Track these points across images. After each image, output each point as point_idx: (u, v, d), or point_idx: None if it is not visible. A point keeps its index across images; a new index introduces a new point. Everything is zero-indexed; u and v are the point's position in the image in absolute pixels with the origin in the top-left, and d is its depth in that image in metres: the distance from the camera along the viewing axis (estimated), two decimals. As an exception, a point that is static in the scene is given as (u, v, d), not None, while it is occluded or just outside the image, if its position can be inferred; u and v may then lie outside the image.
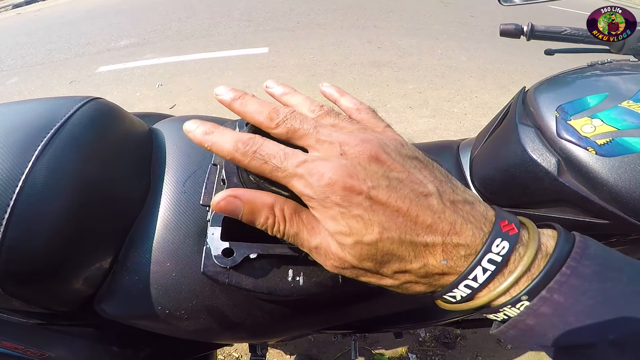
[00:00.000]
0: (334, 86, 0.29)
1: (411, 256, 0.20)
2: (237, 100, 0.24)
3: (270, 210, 0.22)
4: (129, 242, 0.39)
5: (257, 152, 0.21)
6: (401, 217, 0.19)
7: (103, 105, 0.42)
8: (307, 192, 0.20)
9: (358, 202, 0.19)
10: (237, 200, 0.22)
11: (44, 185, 0.32)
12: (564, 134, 0.40)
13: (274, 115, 0.22)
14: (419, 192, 0.20)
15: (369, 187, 0.19)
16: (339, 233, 0.20)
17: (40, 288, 0.34)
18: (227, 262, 0.27)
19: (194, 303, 0.38)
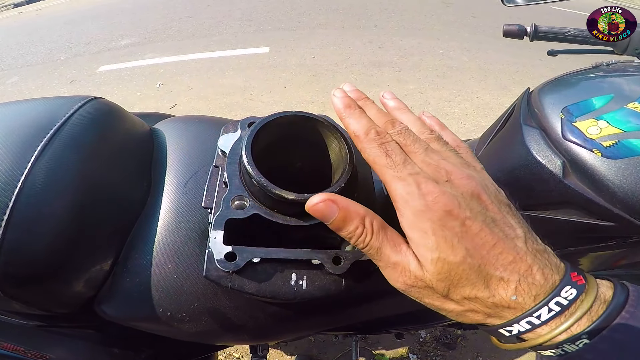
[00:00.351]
0: (435, 118, 0.30)
1: (484, 286, 0.21)
2: (350, 110, 0.26)
3: (362, 220, 0.23)
4: (129, 243, 0.38)
5: (385, 144, 0.23)
6: (486, 250, 0.21)
7: (103, 105, 0.42)
8: (407, 199, 0.21)
9: (452, 225, 0.21)
10: (335, 205, 0.22)
11: (44, 186, 0.32)
12: (570, 135, 0.40)
13: (389, 126, 0.24)
14: (508, 233, 0.21)
15: (466, 216, 0.21)
16: (425, 246, 0.21)
17: (40, 290, 0.34)
18: (229, 266, 0.27)
19: (196, 305, 0.38)
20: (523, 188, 0.44)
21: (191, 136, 0.46)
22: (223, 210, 0.28)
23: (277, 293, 0.29)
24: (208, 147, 0.44)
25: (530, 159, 0.42)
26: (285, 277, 0.29)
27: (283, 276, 0.29)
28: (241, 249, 0.27)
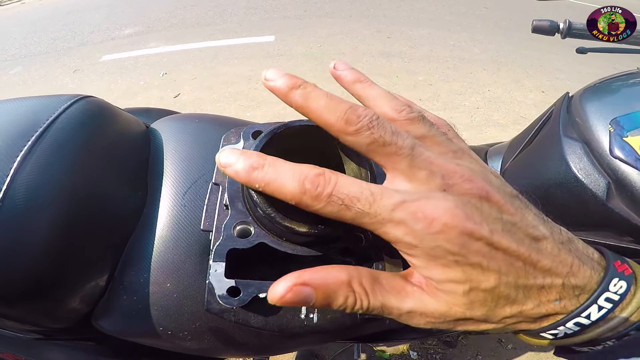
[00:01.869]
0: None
1: (525, 299, 0.18)
2: (296, 90, 0.19)
3: (349, 287, 0.18)
4: (125, 258, 0.36)
5: (334, 195, 0.17)
6: (520, 262, 0.18)
7: (93, 105, 0.38)
8: (408, 241, 0.17)
9: (477, 248, 0.17)
10: (307, 287, 0.17)
11: (26, 200, 0.29)
12: (619, 152, 0.35)
13: (352, 116, 0.17)
14: (534, 236, 0.18)
15: (488, 232, 0.17)
16: (451, 281, 0.18)
17: (31, 308, 0.32)
18: (233, 302, 0.24)
19: (197, 325, 0.36)
20: (557, 207, 0.40)
21: (190, 138, 0.42)
22: (224, 239, 0.24)
23: (285, 327, 0.26)
24: (209, 152, 0.40)
25: (570, 176, 0.38)
26: (295, 310, 0.26)
27: (292, 309, 0.26)
28: (246, 284, 0.24)
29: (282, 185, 0.17)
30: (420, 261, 0.18)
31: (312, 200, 0.17)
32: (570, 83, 2.38)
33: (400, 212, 0.16)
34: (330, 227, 0.22)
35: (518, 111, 2.17)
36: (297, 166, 0.17)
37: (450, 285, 0.18)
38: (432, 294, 0.18)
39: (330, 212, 0.17)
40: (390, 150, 0.17)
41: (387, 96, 0.21)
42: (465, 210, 0.17)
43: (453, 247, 0.17)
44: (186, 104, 2.21)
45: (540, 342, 0.21)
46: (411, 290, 0.19)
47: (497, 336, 1.19)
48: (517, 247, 0.17)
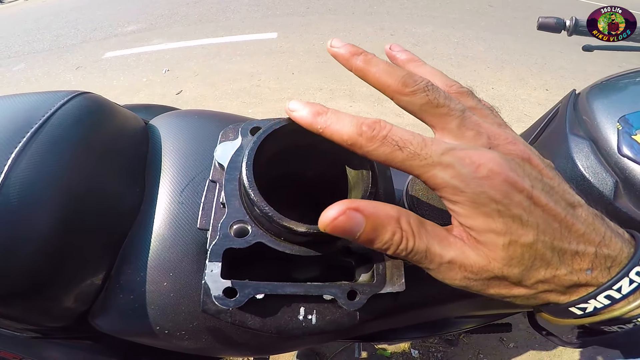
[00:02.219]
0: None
1: (560, 263, 0.19)
2: (358, 57, 0.21)
3: (397, 223, 0.18)
4: (122, 256, 0.35)
5: (389, 137, 0.18)
6: (557, 223, 0.18)
7: (90, 101, 0.37)
8: (455, 184, 0.17)
9: (519, 200, 0.17)
10: (358, 214, 0.18)
11: (21, 198, 0.28)
12: (627, 150, 0.35)
13: (409, 80, 0.19)
14: (570, 201, 0.19)
15: (530, 186, 0.18)
16: (492, 232, 0.18)
17: (26, 307, 0.32)
18: (229, 303, 0.23)
19: (195, 324, 0.35)
20: None
21: (189, 135, 0.41)
22: (220, 238, 0.24)
23: (283, 329, 0.25)
24: (207, 149, 0.40)
25: (576, 174, 0.37)
26: (293, 311, 0.26)
27: (290, 310, 0.26)
28: (243, 285, 0.24)
29: (341, 128, 0.19)
30: (463, 209, 0.18)
31: (367, 141, 0.18)
32: (574, 81, 2.36)
33: (449, 157, 0.17)
34: None
35: (522, 109, 2.15)
36: (356, 116, 0.19)
37: (491, 236, 0.18)
38: (473, 246, 0.19)
39: (384, 152, 0.18)
40: (442, 112, 0.19)
41: (439, 73, 0.23)
42: (509, 163, 0.18)
43: (496, 195, 0.17)
44: (188, 101, 2.21)
45: (566, 321, 0.21)
46: (453, 240, 0.19)
47: (499, 335, 1.19)
48: (555, 206, 0.18)
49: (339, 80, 2.31)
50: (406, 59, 0.24)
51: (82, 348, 0.45)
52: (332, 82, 2.32)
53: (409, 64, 0.24)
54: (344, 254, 0.26)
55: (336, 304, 0.25)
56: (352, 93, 2.21)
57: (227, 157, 0.26)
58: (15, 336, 0.39)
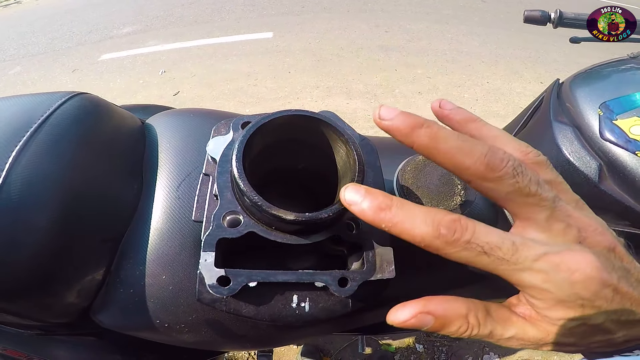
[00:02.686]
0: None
1: (617, 329, 0.19)
2: (420, 130, 0.17)
3: (465, 319, 0.19)
4: (121, 252, 0.36)
5: (472, 242, 0.16)
6: (630, 303, 0.18)
7: (87, 102, 0.38)
8: (546, 288, 0.17)
9: (604, 294, 0.17)
10: (429, 316, 0.18)
11: (21, 196, 0.29)
12: (609, 135, 0.36)
13: (495, 160, 0.17)
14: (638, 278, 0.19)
15: (617, 280, 0.17)
16: (566, 319, 0.18)
17: (28, 303, 0.32)
18: (223, 291, 0.24)
19: (194, 317, 0.35)
20: None
21: (185, 132, 0.42)
22: (214, 229, 0.25)
23: (277, 316, 0.26)
24: (202, 145, 0.40)
25: (561, 159, 0.38)
26: (286, 299, 0.26)
27: (283, 298, 0.26)
28: (236, 273, 0.24)
29: (412, 228, 0.17)
30: (545, 304, 0.18)
31: (446, 245, 0.16)
32: (568, 73, 2.30)
33: (543, 264, 0.17)
34: (319, 214, 0.22)
35: (517, 102, 2.16)
36: (429, 210, 0.17)
37: (564, 322, 0.18)
38: (534, 324, 0.19)
39: (467, 257, 0.17)
40: (533, 202, 0.17)
41: (507, 136, 0.21)
42: (602, 262, 0.17)
43: (587, 294, 0.17)
44: (186, 102, 2.21)
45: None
46: (516, 319, 0.19)
47: None
48: (632, 291, 0.18)
49: (335, 78, 2.32)
50: (463, 118, 0.21)
51: (85, 344, 0.45)
52: (328, 80, 2.32)
53: (468, 124, 0.21)
54: (334, 243, 0.27)
55: (328, 291, 0.26)
56: (348, 90, 2.22)
57: (219, 151, 0.27)
58: (19, 334, 0.40)
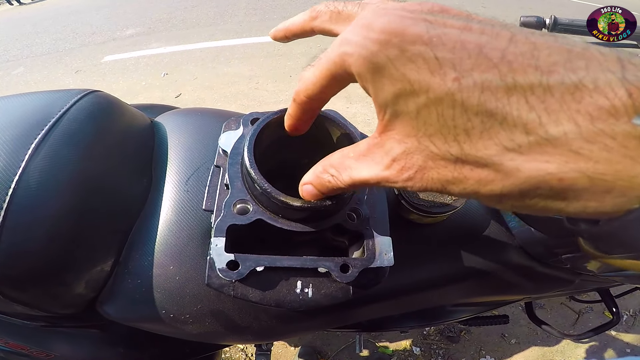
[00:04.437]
0: None
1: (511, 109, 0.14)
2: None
3: (325, 172, 0.20)
4: (130, 243, 0.37)
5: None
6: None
7: (101, 99, 0.40)
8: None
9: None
10: (308, 185, 0.21)
11: (39, 186, 0.30)
12: None
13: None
14: None
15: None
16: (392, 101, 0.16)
17: (40, 292, 0.33)
18: (232, 275, 0.25)
19: (199, 307, 0.37)
20: None
21: (193, 130, 0.44)
22: (224, 215, 0.26)
23: (282, 301, 0.27)
24: (210, 142, 0.42)
25: None
26: (291, 285, 0.28)
27: (288, 284, 0.28)
28: (244, 257, 0.26)
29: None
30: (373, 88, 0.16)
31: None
32: None
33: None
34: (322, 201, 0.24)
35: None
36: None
37: (393, 110, 0.16)
38: (380, 144, 0.18)
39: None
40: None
41: None
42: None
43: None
44: (187, 104, 2.23)
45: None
46: (365, 157, 0.19)
47: (500, 331, 1.20)
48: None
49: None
50: None
51: (88, 337, 0.46)
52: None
53: None
54: (337, 233, 0.29)
55: (330, 278, 0.28)
56: (349, 95, 2.24)
57: (230, 144, 0.29)
58: (22, 326, 0.40)
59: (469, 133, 0.13)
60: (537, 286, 0.49)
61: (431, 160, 0.14)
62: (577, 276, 0.48)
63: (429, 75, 0.13)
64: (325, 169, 0.20)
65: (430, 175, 0.14)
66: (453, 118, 0.13)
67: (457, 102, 0.13)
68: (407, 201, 0.36)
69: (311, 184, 0.21)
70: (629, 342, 1.18)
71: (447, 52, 0.13)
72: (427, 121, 0.14)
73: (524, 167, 0.12)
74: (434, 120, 0.13)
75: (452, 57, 0.13)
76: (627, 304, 1.26)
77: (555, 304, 1.27)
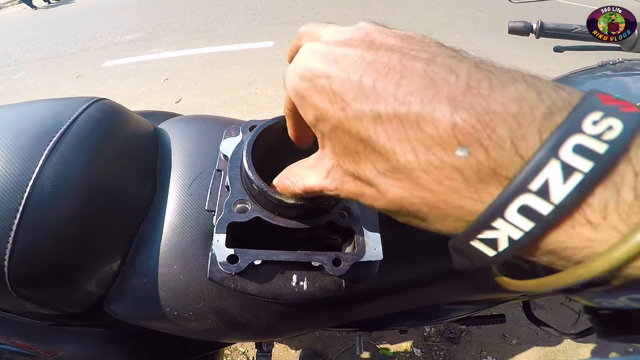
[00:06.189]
0: None
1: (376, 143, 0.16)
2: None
3: (281, 180, 0.24)
4: (136, 244, 0.39)
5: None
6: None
7: (108, 107, 0.42)
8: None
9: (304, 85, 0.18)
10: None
11: (52, 189, 0.32)
12: None
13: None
14: None
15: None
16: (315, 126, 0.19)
17: (52, 291, 0.35)
18: (232, 268, 0.27)
19: (202, 305, 0.38)
20: None
21: (195, 137, 0.46)
22: (225, 213, 0.28)
23: (278, 294, 0.29)
24: (211, 148, 0.44)
25: None
26: (287, 278, 0.30)
27: (284, 277, 0.30)
28: (243, 252, 0.28)
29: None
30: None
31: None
32: None
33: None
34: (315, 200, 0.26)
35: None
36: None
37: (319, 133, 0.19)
38: (319, 163, 0.20)
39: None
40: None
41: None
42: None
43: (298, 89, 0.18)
44: (187, 109, 2.25)
45: (515, 284, 0.15)
46: (308, 169, 0.22)
47: (501, 331, 1.20)
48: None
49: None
50: None
51: (94, 336, 0.47)
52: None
53: None
54: (330, 230, 0.31)
55: (324, 271, 0.29)
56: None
57: (231, 149, 0.31)
58: (30, 325, 0.42)
59: (359, 156, 0.15)
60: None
61: (345, 175, 0.17)
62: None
63: (329, 105, 0.15)
64: (287, 176, 0.23)
65: (346, 187, 0.17)
66: (348, 142, 0.15)
67: (346, 129, 0.15)
68: None
69: (277, 187, 0.25)
70: (630, 340, 1.19)
71: (339, 84, 0.15)
72: (336, 143, 0.16)
73: (390, 190, 0.14)
74: (339, 143, 0.16)
75: (342, 89, 0.15)
76: (624, 303, 1.27)
77: (555, 304, 1.27)
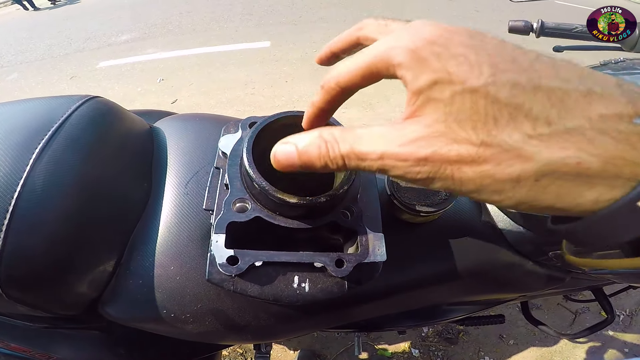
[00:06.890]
0: None
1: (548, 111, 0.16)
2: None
3: (319, 138, 0.18)
4: (131, 245, 0.38)
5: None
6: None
7: (102, 105, 0.41)
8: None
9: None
10: (290, 144, 0.19)
11: (43, 189, 0.31)
12: None
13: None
14: None
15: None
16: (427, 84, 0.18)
17: (44, 293, 0.34)
18: (231, 270, 0.26)
19: (199, 307, 0.37)
20: None
21: (192, 135, 0.45)
22: (224, 213, 0.27)
23: (279, 296, 0.28)
24: (208, 147, 0.43)
25: None
26: (288, 279, 0.29)
27: (285, 279, 0.29)
28: (243, 253, 0.27)
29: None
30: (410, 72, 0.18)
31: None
32: None
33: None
34: (317, 198, 0.25)
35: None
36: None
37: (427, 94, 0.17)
38: (394, 125, 0.18)
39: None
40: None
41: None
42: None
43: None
44: (183, 110, 2.22)
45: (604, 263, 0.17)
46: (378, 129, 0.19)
47: (499, 332, 1.20)
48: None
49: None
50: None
51: (89, 338, 0.46)
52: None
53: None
54: (332, 230, 0.30)
55: (327, 273, 0.29)
56: (344, 99, 2.26)
57: (230, 146, 0.30)
58: (24, 328, 0.41)
59: (497, 121, 0.15)
60: (529, 284, 0.50)
61: (456, 143, 0.15)
62: (568, 274, 0.50)
63: (468, 70, 0.15)
64: (322, 135, 0.18)
65: (454, 152, 0.16)
66: (485, 107, 0.15)
67: (490, 93, 0.15)
68: (399, 201, 0.37)
69: (295, 145, 0.19)
70: (626, 341, 1.19)
71: (485, 56, 0.15)
72: (460, 108, 0.15)
73: (544, 152, 0.14)
74: (466, 107, 0.15)
75: (489, 60, 0.15)
76: (623, 303, 1.27)
77: (552, 304, 1.28)
